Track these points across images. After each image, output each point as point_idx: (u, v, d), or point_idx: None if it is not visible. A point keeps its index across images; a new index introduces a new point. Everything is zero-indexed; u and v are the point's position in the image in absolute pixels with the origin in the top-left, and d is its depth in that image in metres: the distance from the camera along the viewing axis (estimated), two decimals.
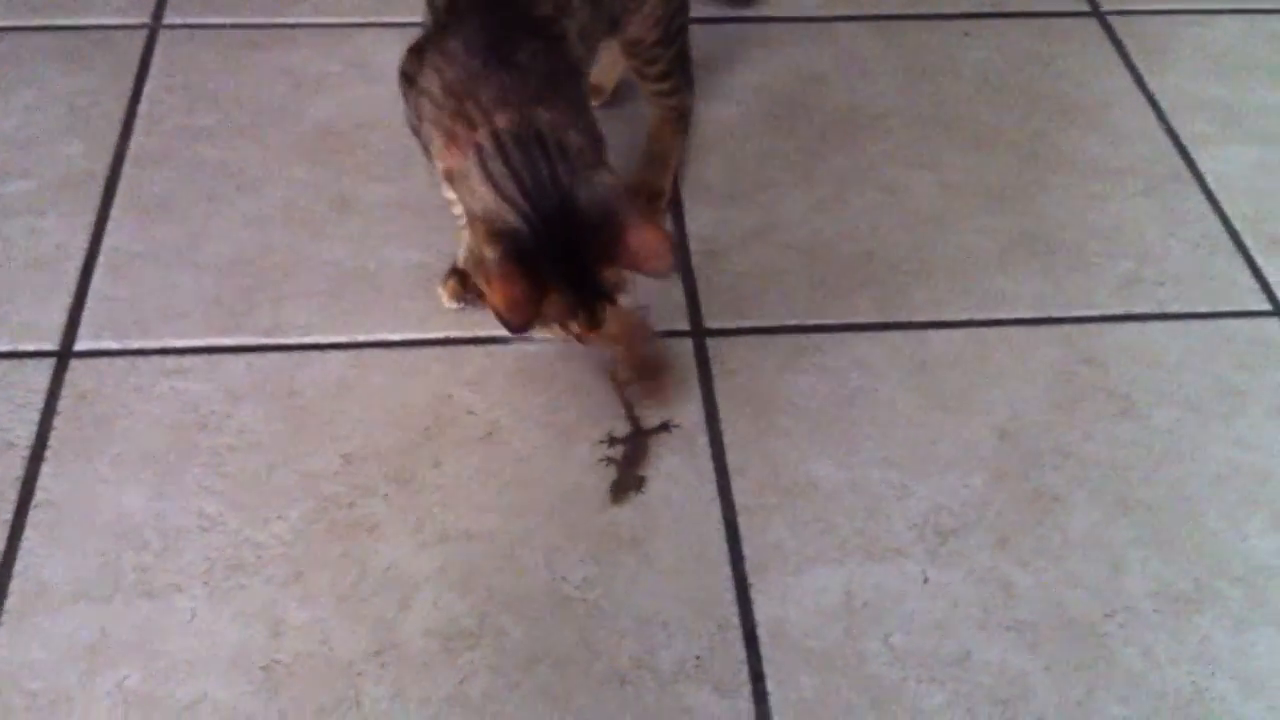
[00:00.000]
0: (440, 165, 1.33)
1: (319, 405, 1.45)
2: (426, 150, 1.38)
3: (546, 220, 1.23)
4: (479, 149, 1.26)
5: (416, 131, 1.38)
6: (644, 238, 1.23)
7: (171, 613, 1.26)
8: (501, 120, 1.26)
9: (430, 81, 1.32)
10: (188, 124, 1.78)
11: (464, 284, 1.55)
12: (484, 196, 1.25)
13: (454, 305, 1.55)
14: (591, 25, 1.43)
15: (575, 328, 1.29)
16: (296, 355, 1.50)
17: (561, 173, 1.24)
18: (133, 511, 1.34)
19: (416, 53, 1.37)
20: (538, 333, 1.33)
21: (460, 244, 1.55)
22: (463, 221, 1.49)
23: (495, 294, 1.21)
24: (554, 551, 1.34)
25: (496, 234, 1.23)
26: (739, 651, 1.27)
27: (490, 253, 1.22)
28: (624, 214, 1.24)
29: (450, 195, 1.46)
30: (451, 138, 1.29)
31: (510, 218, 1.23)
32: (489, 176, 1.25)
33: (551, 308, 1.25)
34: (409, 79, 1.37)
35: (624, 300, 1.31)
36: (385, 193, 1.70)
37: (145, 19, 1.94)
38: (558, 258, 1.23)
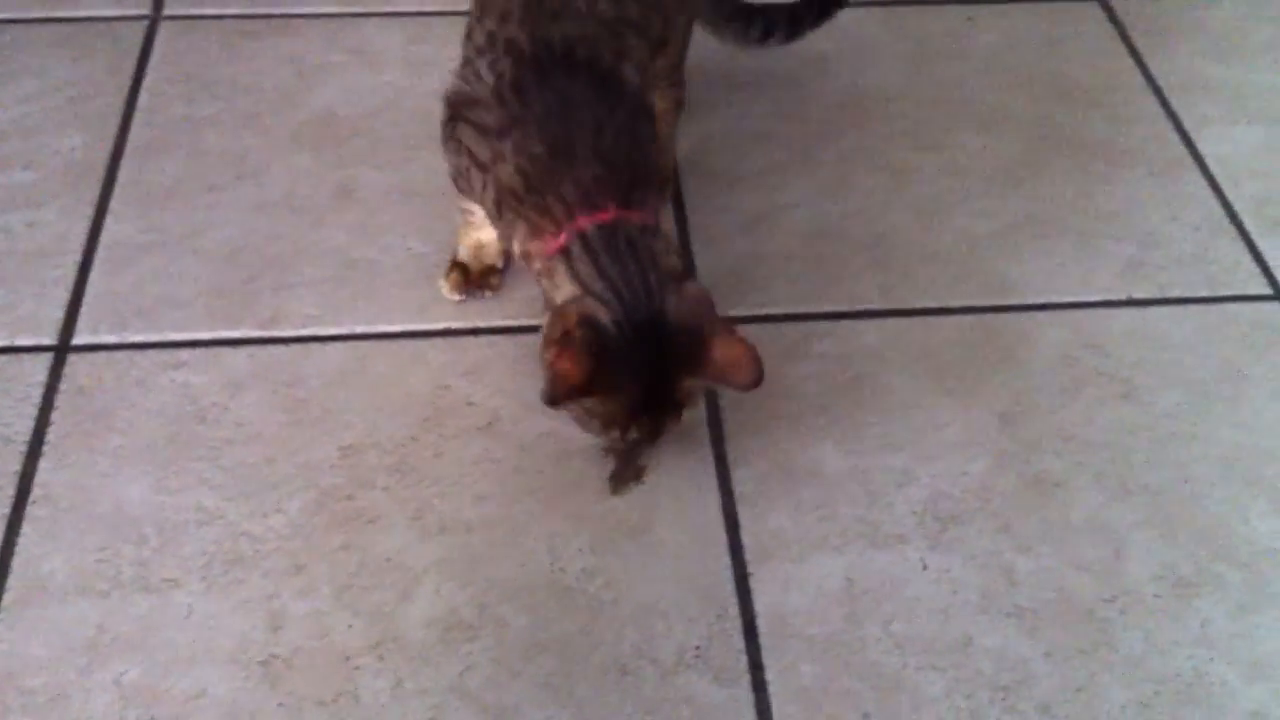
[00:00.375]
0: (518, 248, 1.35)
1: (319, 396, 1.45)
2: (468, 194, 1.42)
3: (636, 328, 1.25)
4: (566, 252, 1.28)
5: (467, 192, 1.42)
6: (731, 351, 1.26)
7: (170, 607, 1.26)
8: (587, 222, 1.28)
9: (513, 180, 1.33)
10: (188, 114, 1.78)
11: (466, 276, 1.55)
12: (571, 293, 1.28)
13: (456, 297, 1.55)
14: (645, 57, 1.43)
15: (626, 434, 1.31)
16: (297, 347, 1.50)
17: (653, 281, 1.27)
18: (131, 505, 1.34)
19: (482, 132, 1.36)
20: (579, 427, 1.35)
21: (461, 238, 1.55)
22: (474, 219, 1.49)
23: (555, 360, 1.23)
24: (554, 541, 1.34)
25: (588, 321, 1.25)
26: (738, 640, 1.27)
27: (577, 330, 1.24)
28: (710, 326, 1.27)
29: (473, 208, 1.46)
30: (535, 230, 1.32)
31: (603, 316, 1.25)
32: (577, 276, 1.28)
33: (615, 407, 1.28)
34: (477, 162, 1.37)
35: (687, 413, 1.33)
36: (387, 181, 1.70)
37: (146, 10, 1.94)
38: (641, 364, 1.26)
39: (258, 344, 1.50)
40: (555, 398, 1.24)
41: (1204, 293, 1.62)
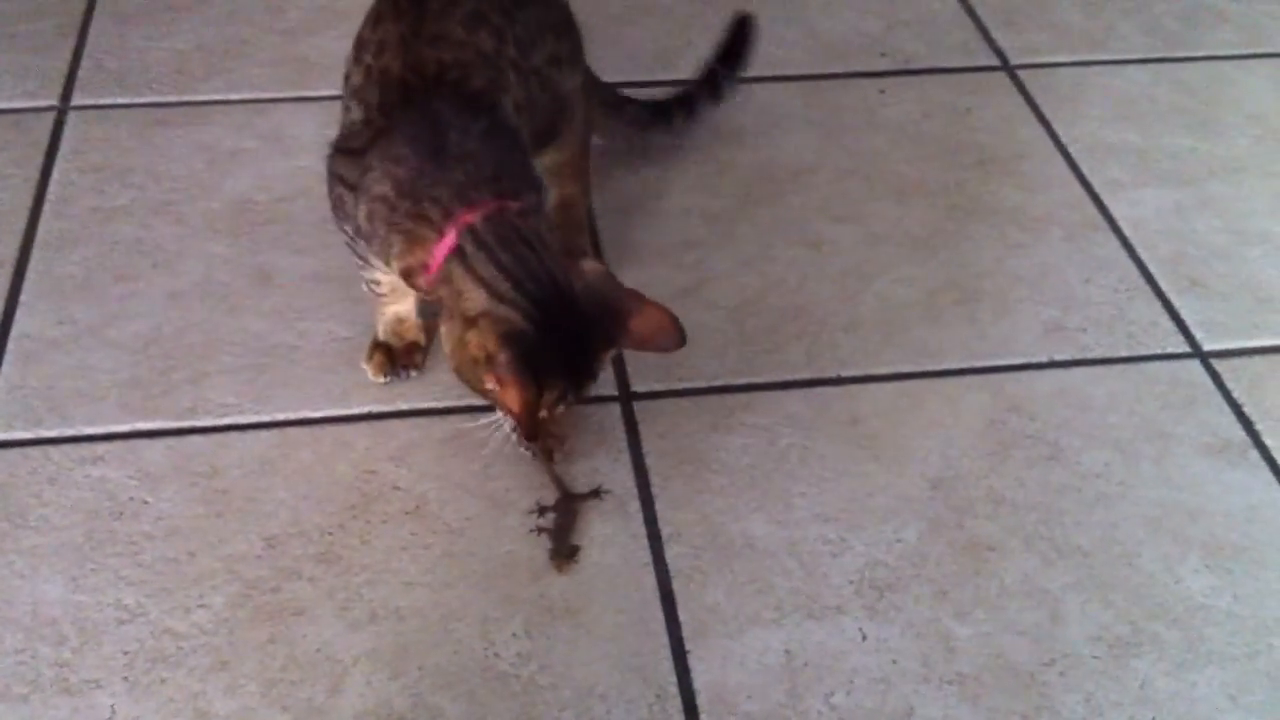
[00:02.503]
0: (398, 265, 1.34)
1: (240, 486, 1.42)
2: (366, 253, 1.39)
3: (550, 320, 1.26)
4: (459, 250, 1.28)
5: (358, 234, 1.39)
6: (651, 318, 1.30)
7: (92, 709, 1.22)
8: (474, 218, 1.28)
9: (381, 186, 1.32)
10: (99, 204, 1.75)
11: (389, 357, 1.53)
12: (477, 298, 1.27)
13: (381, 380, 1.53)
14: (528, 103, 1.44)
15: (553, 411, 1.31)
16: (216, 436, 1.47)
17: (552, 267, 1.28)
18: (49, 605, 1.30)
19: (351, 155, 1.38)
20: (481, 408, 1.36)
21: (379, 317, 1.53)
22: (381, 289, 1.48)
23: (512, 400, 1.23)
24: (488, 626, 1.31)
25: (506, 337, 1.24)
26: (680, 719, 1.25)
27: (502, 356, 1.23)
28: (624, 300, 1.30)
29: (378, 278, 1.44)
30: (413, 240, 1.31)
31: (516, 319, 1.25)
32: (478, 277, 1.27)
33: (548, 394, 1.28)
34: (346, 184, 1.37)
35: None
36: (305, 266, 1.68)
37: (54, 101, 1.91)
38: (562, 352, 1.27)
39: (176, 435, 1.47)
40: (534, 430, 1.26)
41: (1124, 353, 1.63)
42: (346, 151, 1.39)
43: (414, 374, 1.53)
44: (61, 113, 1.89)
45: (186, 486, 1.42)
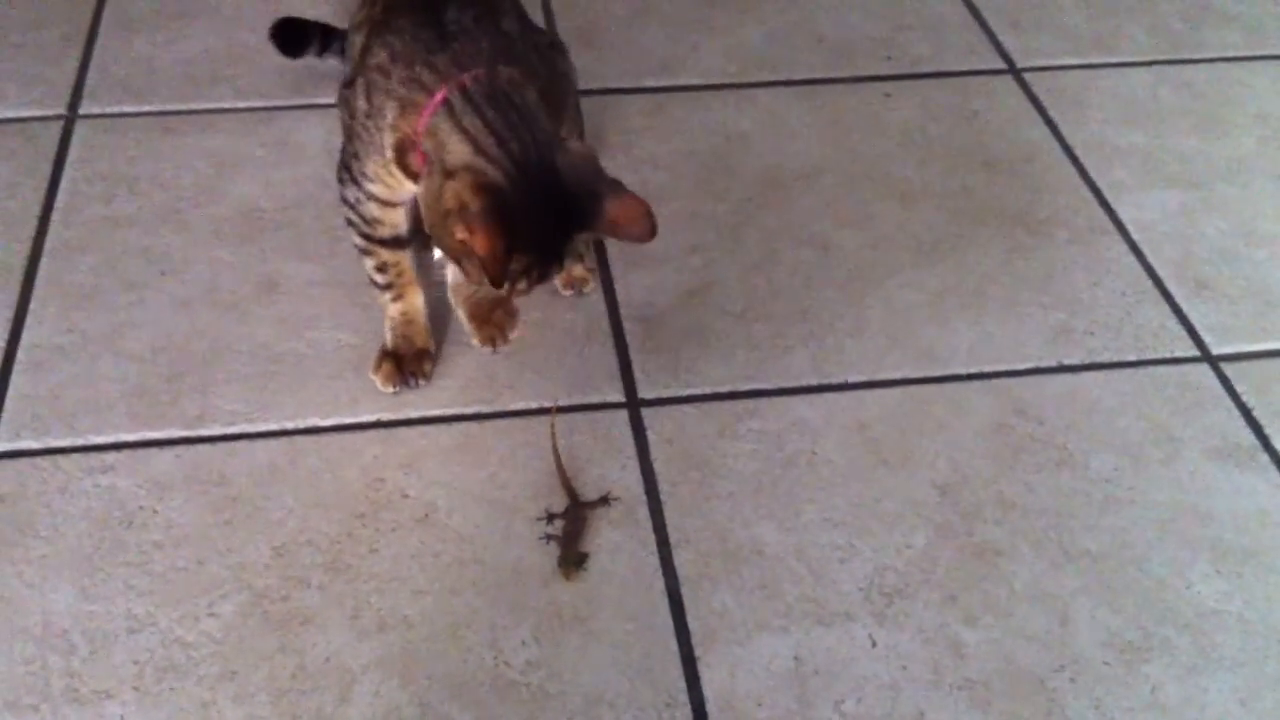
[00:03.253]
0: (391, 137, 1.34)
1: (249, 495, 1.42)
2: (359, 135, 1.39)
3: (528, 181, 1.25)
4: (448, 104, 1.28)
5: (355, 129, 1.39)
6: (624, 205, 1.27)
7: (102, 719, 1.22)
8: (466, 78, 1.28)
9: (378, 57, 1.34)
10: (107, 213, 1.75)
11: (398, 366, 1.53)
12: (460, 151, 1.27)
13: (390, 390, 1.53)
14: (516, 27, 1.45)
15: (516, 284, 1.30)
16: (225, 445, 1.47)
17: (537, 134, 1.27)
18: (58, 615, 1.30)
19: (356, 49, 1.40)
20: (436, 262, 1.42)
21: (387, 323, 1.53)
22: (384, 280, 1.49)
23: (480, 245, 1.22)
24: (496, 634, 1.31)
25: (480, 187, 1.24)
26: None
27: (474, 205, 1.23)
28: (601, 183, 1.28)
29: (374, 263, 1.45)
30: (407, 104, 1.31)
31: (493, 172, 1.25)
32: (463, 130, 1.27)
33: (517, 262, 1.27)
34: (349, 84, 1.39)
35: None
36: (312, 273, 1.68)
37: (61, 110, 1.91)
38: (536, 220, 1.25)
39: (184, 444, 1.47)
40: (499, 276, 1.24)
41: (1132, 356, 1.63)
42: (353, 49, 1.41)
43: (423, 383, 1.53)
44: (69, 121, 1.89)
45: (195, 495, 1.42)
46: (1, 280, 1.64)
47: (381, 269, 1.49)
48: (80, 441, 1.46)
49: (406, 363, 1.53)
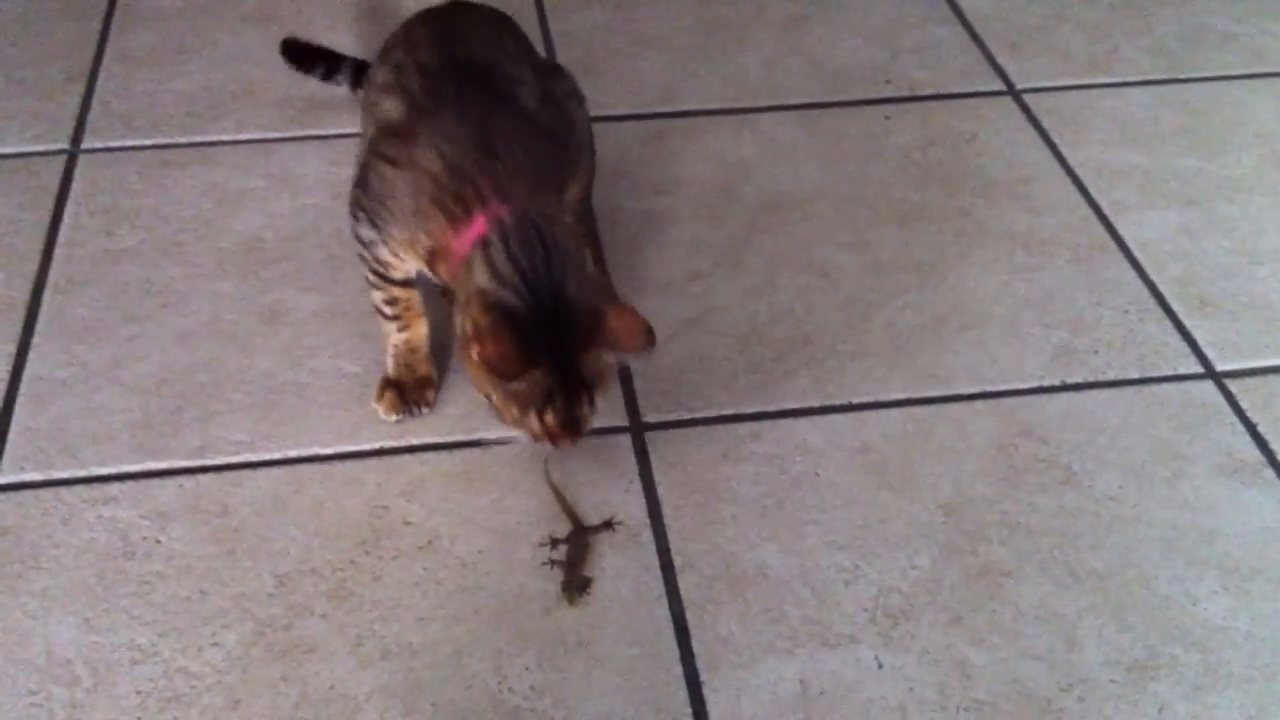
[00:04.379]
0: (428, 245, 1.38)
1: (252, 524, 1.42)
2: (388, 240, 1.42)
3: (538, 303, 1.30)
4: (484, 241, 1.33)
5: (385, 214, 1.42)
6: (622, 319, 1.31)
7: None
8: (503, 211, 1.33)
9: (433, 162, 1.37)
10: (109, 246, 1.76)
11: (400, 395, 1.53)
12: (482, 281, 1.31)
13: (392, 418, 1.53)
14: (543, 110, 1.49)
15: (544, 415, 1.32)
16: (227, 475, 1.47)
17: (555, 264, 1.32)
18: (62, 646, 1.30)
19: (397, 136, 1.42)
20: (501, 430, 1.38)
21: (390, 351, 1.53)
22: (392, 311, 1.50)
23: (488, 347, 1.27)
24: (500, 660, 1.30)
25: (492, 305, 1.29)
26: None
27: (483, 319, 1.28)
28: (606, 302, 1.34)
29: (381, 296, 1.46)
30: (452, 219, 1.35)
31: (507, 296, 1.30)
32: (491, 265, 1.32)
33: (532, 384, 1.30)
34: (390, 159, 1.41)
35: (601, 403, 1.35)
36: (314, 303, 1.68)
37: (64, 144, 1.92)
38: (545, 338, 1.29)
39: (187, 474, 1.47)
40: (512, 371, 1.28)
41: (1136, 374, 1.63)
42: (393, 134, 1.43)
43: (425, 411, 1.53)
44: (71, 156, 1.90)
45: (198, 525, 1.42)
46: (4, 314, 1.65)
47: (391, 302, 1.50)
48: (83, 473, 1.46)
49: (409, 391, 1.53)
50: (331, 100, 1.98)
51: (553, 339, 1.30)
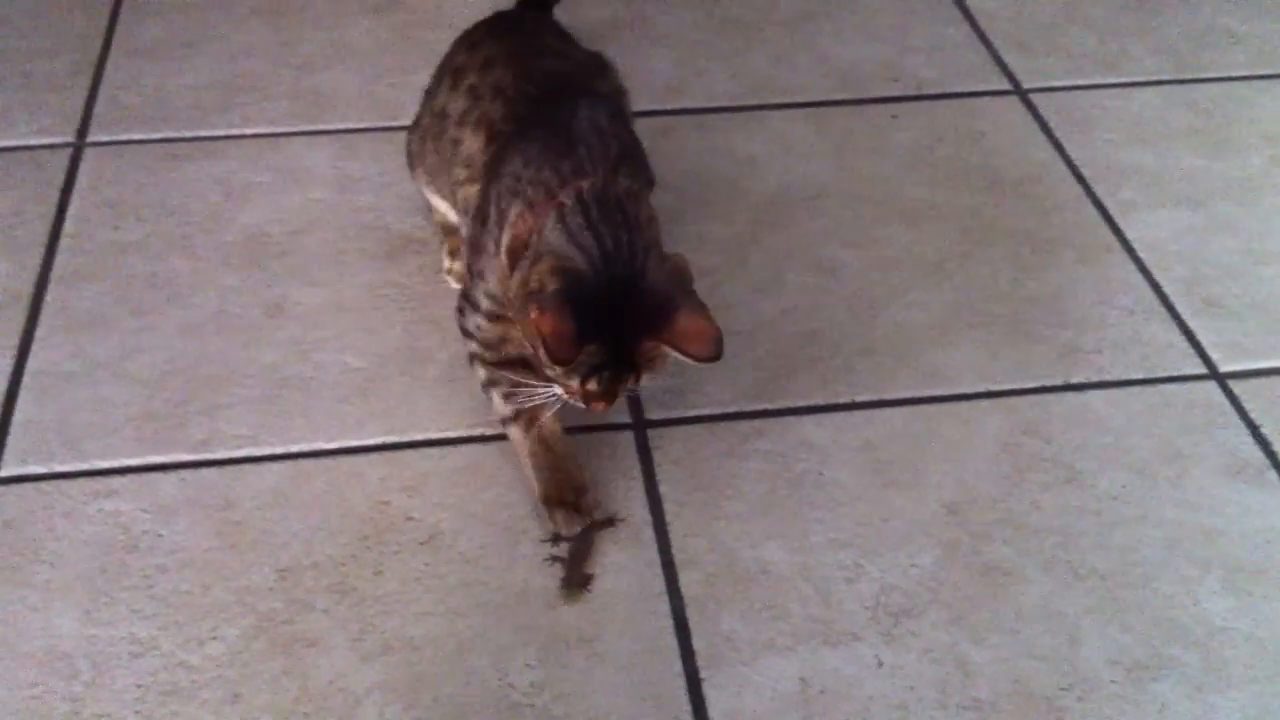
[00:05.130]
0: (508, 236, 1.35)
1: (254, 518, 1.42)
2: (485, 249, 1.41)
3: (611, 280, 1.26)
4: (561, 206, 1.30)
5: (489, 223, 1.40)
6: (694, 321, 1.27)
7: None
8: (584, 185, 1.31)
9: (514, 164, 1.37)
10: (115, 239, 1.76)
11: (575, 509, 1.42)
12: (555, 241, 1.29)
13: (577, 529, 1.40)
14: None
15: (585, 383, 1.29)
16: (230, 469, 1.47)
17: (634, 240, 1.29)
18: (62, 639, 1.30)
19: (495, 161, 1.43)
20: (532, 386, 1.36)
21: (528, 469, 1.44)
22: (510, 416, 1.45)
23: (546, 324, 1.23)
24: (501, 656, 1.30)
25: (560, 270, 1.26)
26: None
27: (550, 285, 1.24)
28: (680, 296, 1.29)
29: (484, 323, 1.45)
30: (529, 204, 1.33)
31: (579, 261, 1.27)
32: (565, 228, 1.29)
33: (582, 358, 1.26)
34: (495, 171, 1.41)
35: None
36: (319, 297, 1.68)
37: (70, 137, 1.92)
38: (608, 317, 1.25)
39: (189, 468, 1.47)
40: (562, 357, 1.24)
41: (1140, 375, 1.63)
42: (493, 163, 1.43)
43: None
44: (77, 149, 1.91)
45: (200, 519, 1.42)
46: (9, 306, 1.65)
47: (510, 395, 1.42)
48: (85, 466, 1.46)
49: (570, 504, 1.41)
50: (338, 95, 1.98)
51: (615, 318, 1.26)
